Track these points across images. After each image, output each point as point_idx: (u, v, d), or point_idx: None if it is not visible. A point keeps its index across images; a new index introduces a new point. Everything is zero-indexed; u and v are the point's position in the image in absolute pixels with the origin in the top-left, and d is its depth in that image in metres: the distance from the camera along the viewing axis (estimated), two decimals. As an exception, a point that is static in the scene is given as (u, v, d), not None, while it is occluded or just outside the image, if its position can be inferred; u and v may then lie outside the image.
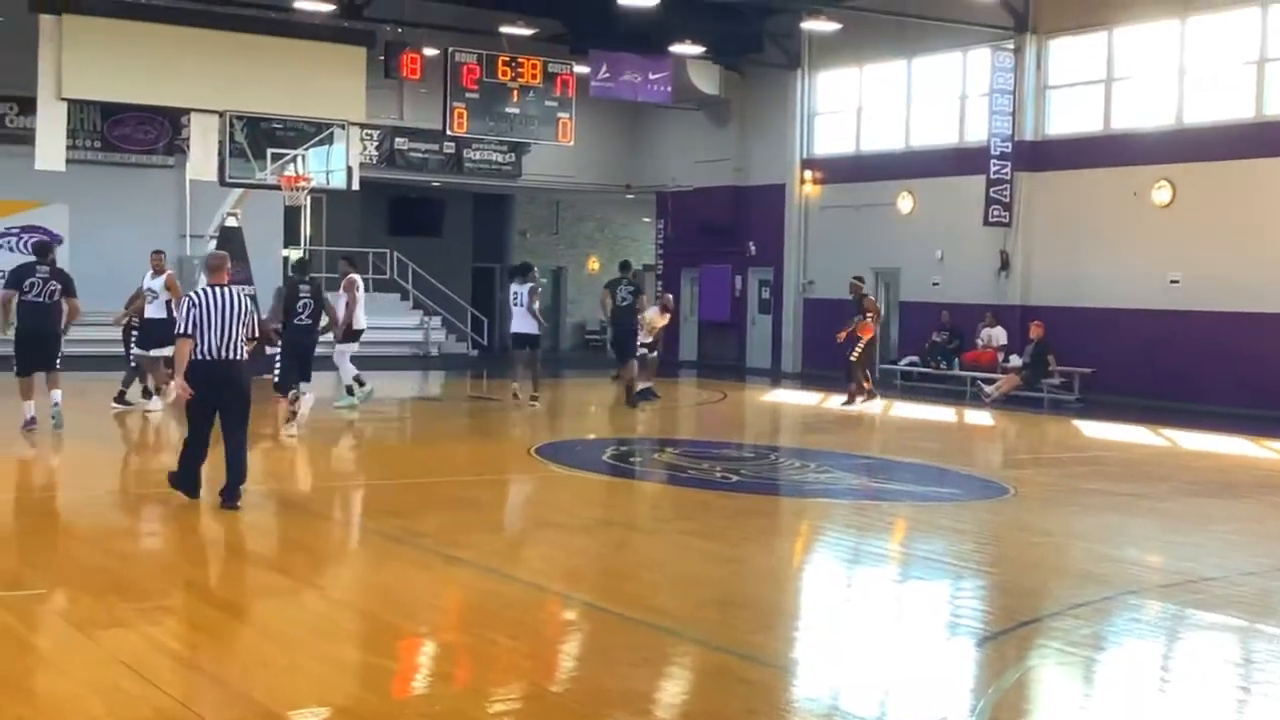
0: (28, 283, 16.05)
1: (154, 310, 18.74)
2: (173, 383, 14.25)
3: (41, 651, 7.34)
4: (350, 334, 19.41)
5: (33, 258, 16.74)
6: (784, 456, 17.08)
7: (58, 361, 16.50)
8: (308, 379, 17.35)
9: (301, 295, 17.29)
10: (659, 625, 8.05)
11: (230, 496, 11.46)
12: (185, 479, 11.70)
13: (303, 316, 17.30)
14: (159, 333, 18.01)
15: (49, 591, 8.80)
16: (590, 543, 10.97)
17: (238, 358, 11.36)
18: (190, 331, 11.18)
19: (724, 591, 9.13)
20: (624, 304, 20.75)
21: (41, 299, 16.08)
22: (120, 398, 19.05)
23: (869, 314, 23.28)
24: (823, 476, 14.98)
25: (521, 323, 21.03)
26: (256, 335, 11.91)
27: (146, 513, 12.37)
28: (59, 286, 16.23)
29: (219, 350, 11.24)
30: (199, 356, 11.23)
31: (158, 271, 19.02)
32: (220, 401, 11.43)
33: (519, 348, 21.29)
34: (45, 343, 16.22)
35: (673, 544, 10.88)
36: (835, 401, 23.76)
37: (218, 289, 11.42)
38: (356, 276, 19.99)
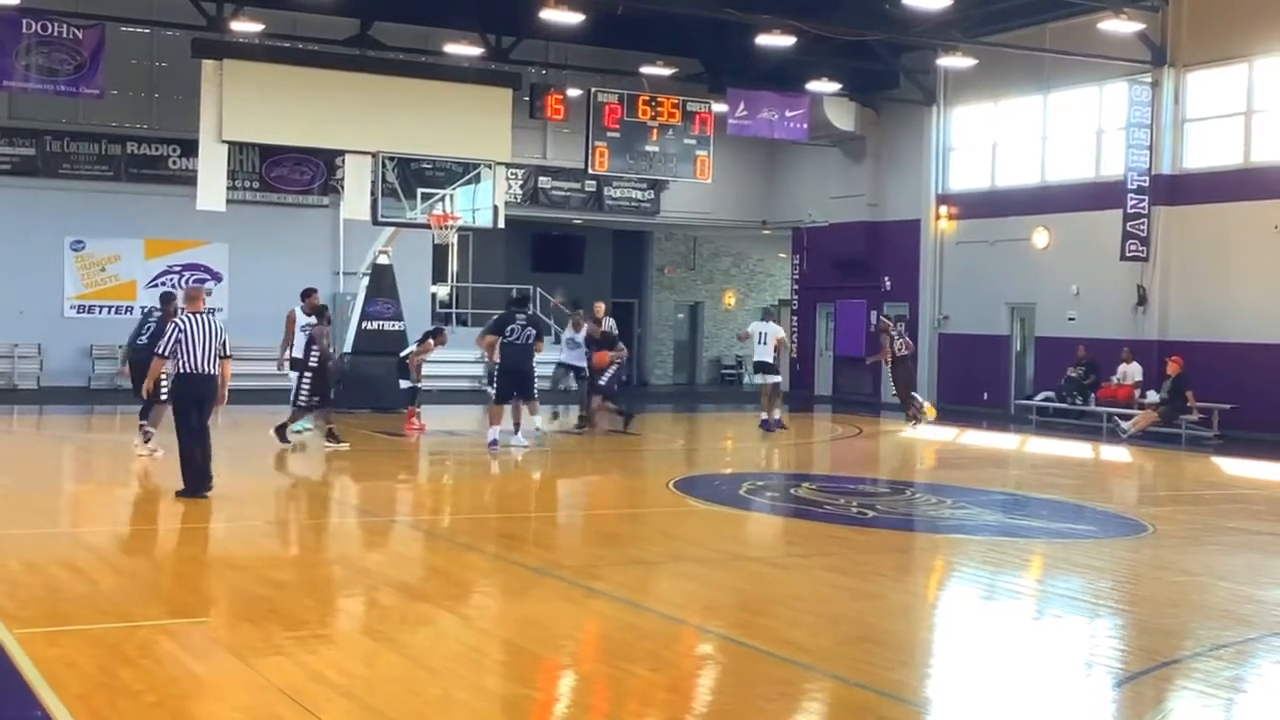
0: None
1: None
2: None
3: (202, 678, 7.51)
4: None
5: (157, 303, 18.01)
6: (919, 492, 16.91)
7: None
8: (527, 395, 19.53)
9: (516, 321, 19.24)
10: (797, 660, 8.02)
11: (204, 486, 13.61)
12: (194, 480, 13.60)
13: (516, 340, 19.13)
14: None
15: (211, 619, 9.04)
16: (728, 576, 10.97)
17: (214, 372, 13.48)
18: (168, 354, 13.43)
19: (862, 627, 9.07)
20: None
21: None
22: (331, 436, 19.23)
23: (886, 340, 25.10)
24: (958, 512, 14.81)
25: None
26: (229, 355, 13.71)
27: (303, 542, 12.63)
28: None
29: (200, 365, 13.36)
30: (184, 370, 13.39)
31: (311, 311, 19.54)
32: (200, 406, 13.52)
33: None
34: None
35: (810, 579, 10.83)
36: (970, 437, 23.46)
37: (197, 315, 13.55)
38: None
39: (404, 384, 21.62)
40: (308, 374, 18.69)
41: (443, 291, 34.84)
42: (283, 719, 6.61)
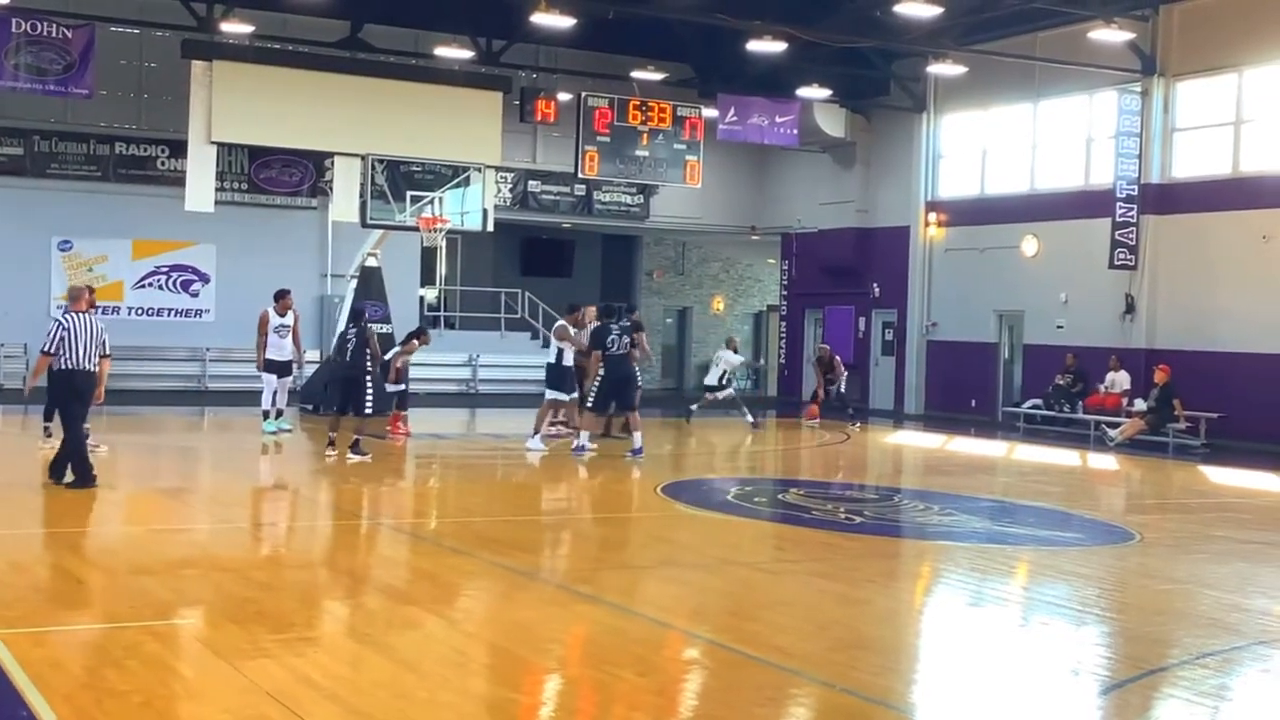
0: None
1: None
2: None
3: (188, 680, 7.50)
4: None
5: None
6: (907, 498, 16.93)
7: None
8: (627, 405, 19.72)
9: (613, 331, 19.44)
10: (784, 666, 8.02)
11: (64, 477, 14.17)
12: (73, 468, 14.17)
13: (614, 350, 19.26)
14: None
15: (197, 621, 9.02)
16: (716, 581, 10.97)
17: (92, 369, 14.13)
18: (54, 350, 13.96)
19: (849, 633, 9.07)
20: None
21: None
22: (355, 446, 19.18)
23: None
24: (946, 519, 14.83)
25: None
26: (108, 354, 14.33)
27: (287, 544, 12.61)
28: None
29: (80, 361, 14.01)
30: (64, 367, 14.00)
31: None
32: (81, 400, 14.18)
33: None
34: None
35: (797, 584, 10.84)
36: (958, 444, 23.49)
37: (79, 315, 14.14)
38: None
39: (390, 388, 21.57)
40: (369, 381, 18.28)
41: (431, 294, 34.82)
42: (269, 721, 6.60)
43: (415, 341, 21.57)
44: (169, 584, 10.02)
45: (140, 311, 30.03)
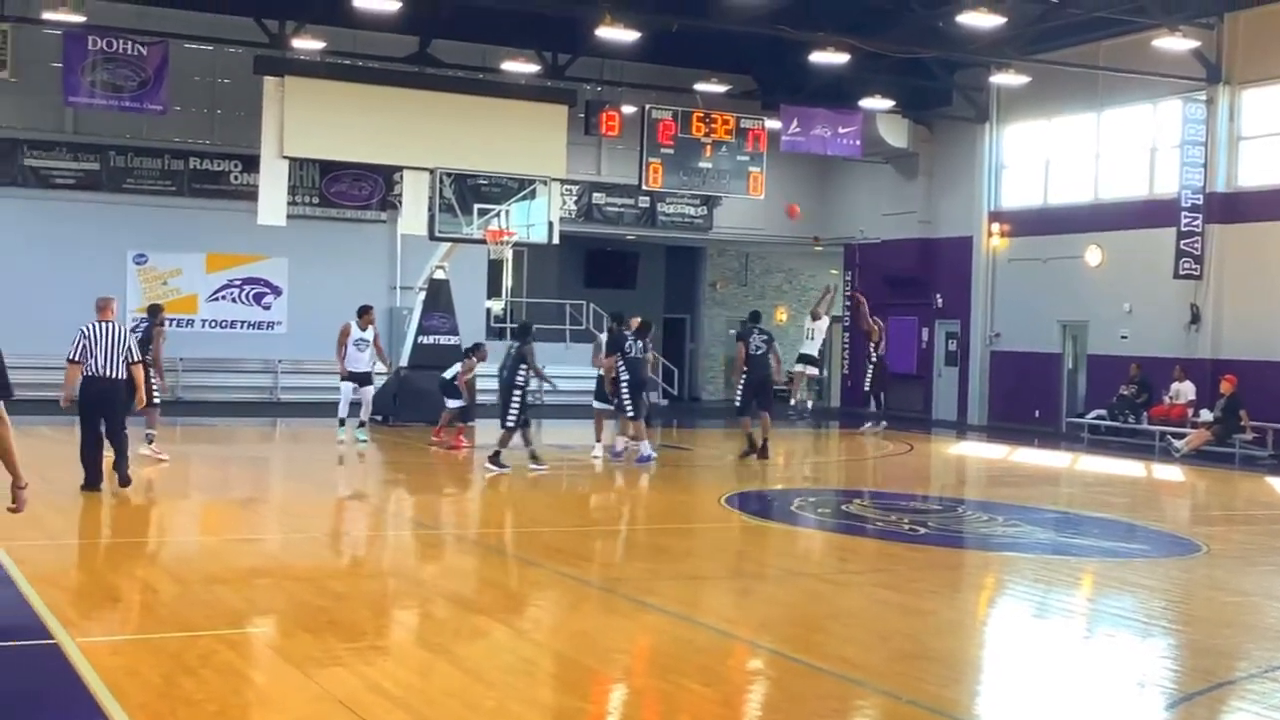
0: None
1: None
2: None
3: (261, 688, 7.57)
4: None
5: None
6: (971, 509, 16.81)
7: None
8: (766, 408, 20.36)
9: (756, 336, 20.29)
10: (849, 676, 7.99)
11: (124, 480, 14.62)
12: (91, 473, 14.39)
13: (758, 352, 20.17)
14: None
15: (270, 629, 9.11)
16: (780, 592, 10.95)
17: (118, 376, 14.35)
18: (77, 358, 14.20)
19: (914, 644, 9.02)
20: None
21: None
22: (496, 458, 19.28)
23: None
24: (1010, 530, 14.72)
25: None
26: (137, 360, 14.67)
27: (359, 554, 12.70)
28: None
29: (104, 370, 14.25)
30: (87, 374, 14.23)
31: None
32: (105, 408, 14.38)
33: None
34: None
35: (861, 595, 10.80)
36: (1021, 455, 23.32)
37: (100, 323, 14.41)
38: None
39: (454, 403, 21.73)
40: (516, 393, 18.30)
41: (497, 306, 34.96)
42: (340, 729, 6.66)
43: (473, 359, 21.72)
44: (242, 593, 10.13)
45: (214, 324, 30.35)
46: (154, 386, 17.47)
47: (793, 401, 27.30)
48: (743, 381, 20.63)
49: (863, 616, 9.95)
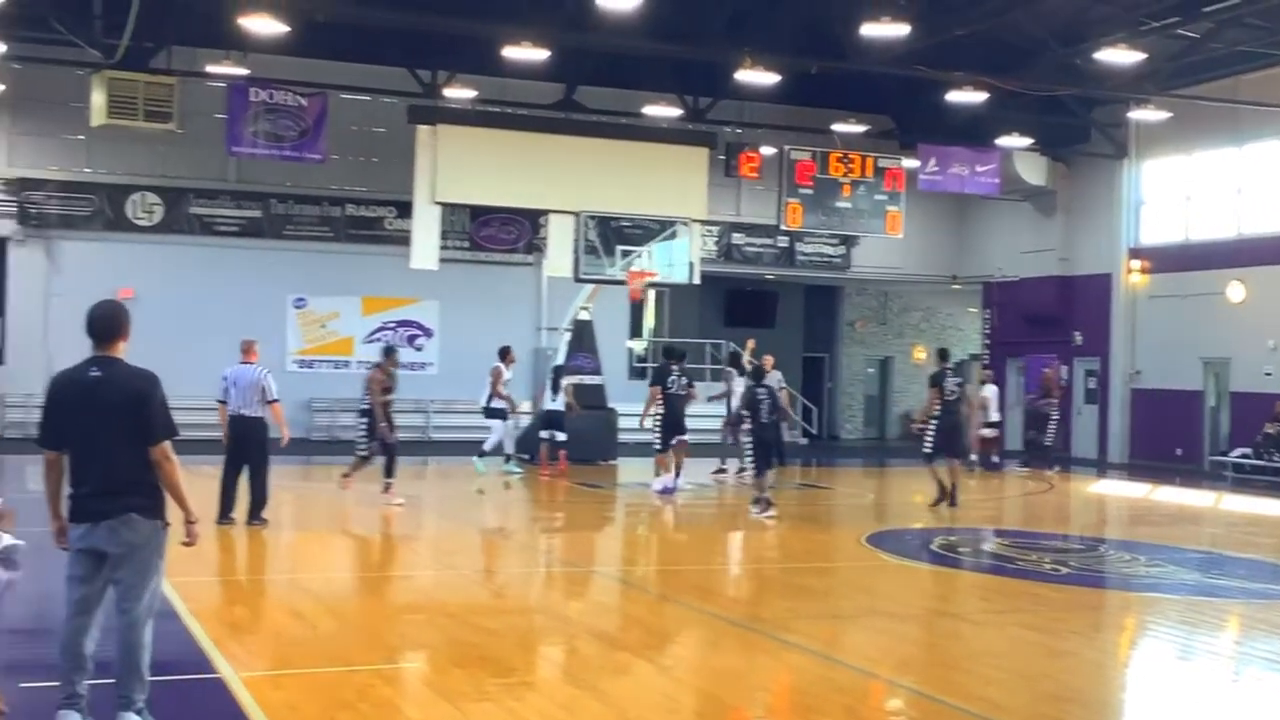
0: None
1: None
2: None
3: (417, 721, 7.70)
4: None
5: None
6: (1112, 549, 16.45)
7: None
8: (956, 454, 19.40)
9: (949, 381, 19.01)
10: (991, 717, 7.86)
11: (256, 517, 15.07)
12: (223, 506, 15.01)
13: (952, 399, 19.06)
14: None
15: (422, 664, 9.24)
16: (921, 631, 10.83)
17: (252, 415, 15.00)
18: (223, 399, 15.05)
19: (1058, 686, 8.86)
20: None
21: None
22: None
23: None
24: (1153, 570, 14.37)
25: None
26: (271, 399, 15.03)
27: (507, 590, 12.83)
28: None
29: (239, 409, 14.99)
30: (230, 413, 15.00)
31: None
32: (241, 445, 15.06)
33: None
34: None
35: (1003, 635, 10.63)
36: (1163, 493, 22.77)
37: (241, 366, 15.21)
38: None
39: (561, 435, 22.28)
40: (748, 432, 17.96)
41: (639, 346, 35.13)
42: (491, 765, 6.73)
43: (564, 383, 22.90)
44: (397, 628, 10.29)
45: (369, 365, 30.78)
46: (375, 432, 17.63)
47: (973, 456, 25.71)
48: (933, 426, 19.24)
49: (1005, 657, 9.79)
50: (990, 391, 26.95)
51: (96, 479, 6.85)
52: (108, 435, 6.83)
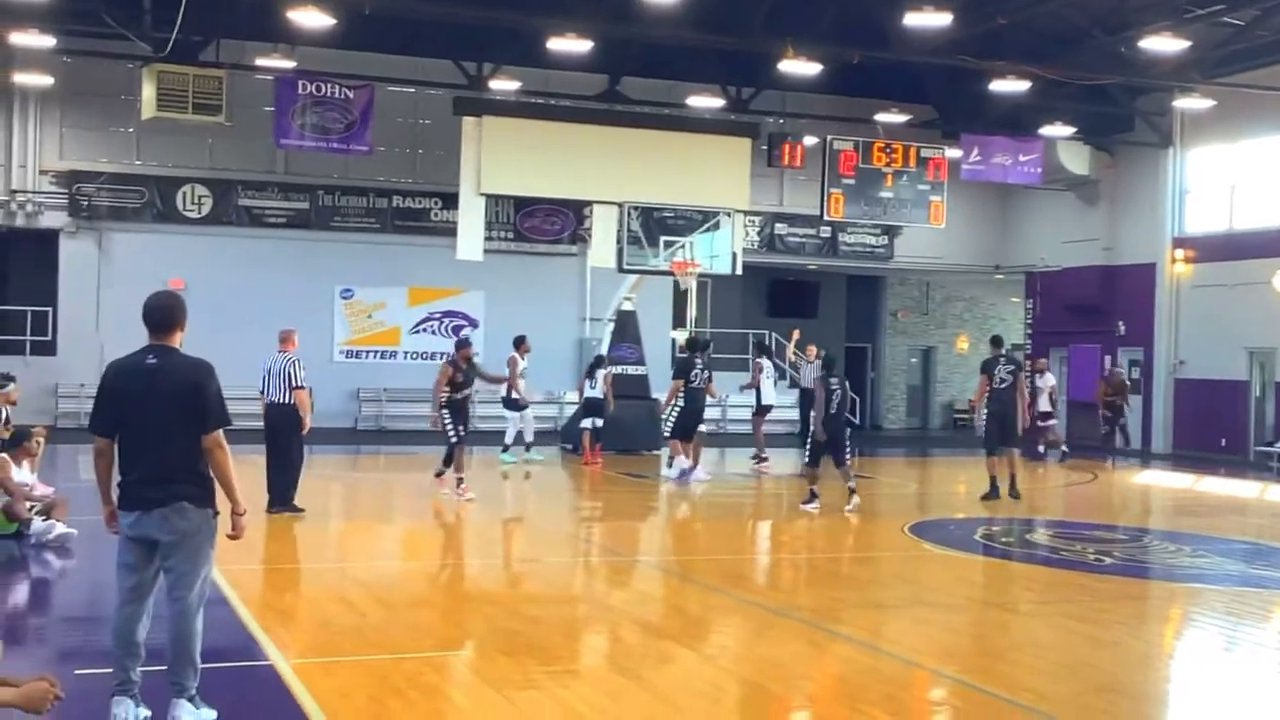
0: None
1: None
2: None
3: (463, 709, 7.71)
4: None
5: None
6: (1157, 539, 16.32)
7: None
8: (1011, 443, 18.77)
9: (1001, 368, 18.72)
10: (1037, 708, 7.82)
11: (288, 504, 15.09)
12: (271, 494, 15.11)
13: (1003, 387, 18.64)
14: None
15: (470, 653, 9.27)
16: (965, 621, 10.78)
17: (283, 402, 15.06)
18: (261, 389, 15.17)
19: (1104, 676, 8.80)
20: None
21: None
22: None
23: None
24: (1198, 560, 14.25)
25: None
26: (297, 385, 15.00)
27: (552, 579, 12.86)
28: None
29: (272, 396, 15.11)
30: (266, 401, 15.13)
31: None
32: (273, 432, 15.17)
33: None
34: None
35: (1048, 625, 10.57)
36: (1208, 484, 22.57)
37: (277, 355, 15.19)
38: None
39: (599, 421, 22.55)
40: (818, 422, 17.31)
41: (682, 336, 35.06)
42: (538, 753, 6.75)
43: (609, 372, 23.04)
44: (445, 616, 10.33)
45: (415, 355, 30.98)
46: (446, 425, 17.22)
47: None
48: (983, 414, 18.99)
49: (1049, 647, 9.74)
50: (1049, 381, 26.73)
51: (149, 466, 6.91)
52: (162, 423, 6.90)
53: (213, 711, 7.00)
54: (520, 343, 21.96)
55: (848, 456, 17.50)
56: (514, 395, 22.03)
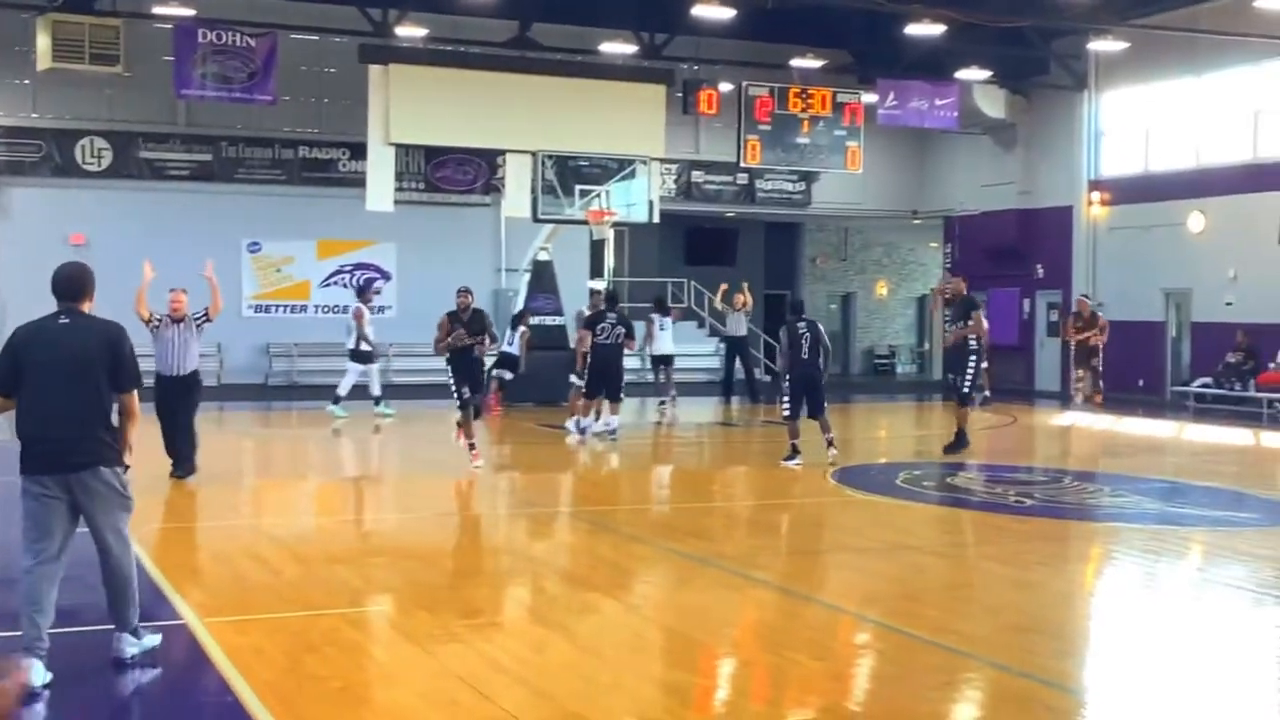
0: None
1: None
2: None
3: (383, 664, 7.70)
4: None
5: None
6: (1076, 480, 16.58)
7: None
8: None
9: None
10: (958, 649, 7.94)
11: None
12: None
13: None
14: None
15: (388, 608, 9.24)
16: (887, 566, 10.90)
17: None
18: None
19: (1022, 616, 8.96)
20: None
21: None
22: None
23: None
24: (1117, 500, 14.53)
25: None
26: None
27: (473, 532, 12.85)
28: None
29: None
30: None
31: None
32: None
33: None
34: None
35: (968, 568, 10.73)
36: (1126, 425, 22.96)
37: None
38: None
39: (508, 375, 22.41)
40: (786, 371, 16.65)
41: (600, 286, 35.05)
42: (461, 704, 6.76)
43: (524, 328, 22.29)
44: (361, 572, 10.29)
45: (326, 309, 30.66)
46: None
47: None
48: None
49: (970, 589, 9.89)
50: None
51: (60, 426, 6.91)
52: (74, 382, 6.87)
53: (156, 637, 7.32)
54: (363, 291, 21.92)
55: (824, 405, 16.88)
56: (363, 347, 22.01)
